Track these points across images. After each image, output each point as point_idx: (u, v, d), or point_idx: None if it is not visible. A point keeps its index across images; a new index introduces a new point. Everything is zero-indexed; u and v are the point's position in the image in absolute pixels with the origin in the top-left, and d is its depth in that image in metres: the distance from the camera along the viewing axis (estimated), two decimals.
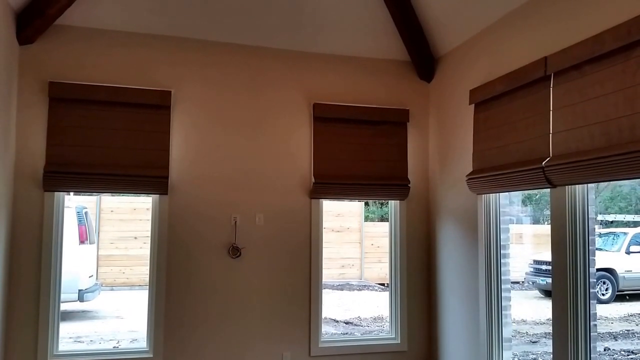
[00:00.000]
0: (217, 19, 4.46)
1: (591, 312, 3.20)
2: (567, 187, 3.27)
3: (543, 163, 3.33)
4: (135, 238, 10.82)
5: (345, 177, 4.79)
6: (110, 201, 11.36)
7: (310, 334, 4.64)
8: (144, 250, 9.51)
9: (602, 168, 2.90)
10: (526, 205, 14.41)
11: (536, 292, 10.78)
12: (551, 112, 3.35)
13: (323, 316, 4.85)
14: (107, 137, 4.27)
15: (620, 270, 10.13)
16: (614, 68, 2.89)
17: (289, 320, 4.62)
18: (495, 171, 3.83)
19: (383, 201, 14.57)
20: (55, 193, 4.23)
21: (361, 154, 4.85)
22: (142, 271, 10.13)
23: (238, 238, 4.52)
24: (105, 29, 4.36)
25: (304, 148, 4.77)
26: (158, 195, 4.41)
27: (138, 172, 4.29)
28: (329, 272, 11.84)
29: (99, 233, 10.75)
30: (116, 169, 4.25)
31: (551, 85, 3.36)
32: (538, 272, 10.16)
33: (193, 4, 4.32)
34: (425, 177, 5.06)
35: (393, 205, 5.08)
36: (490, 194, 4.11)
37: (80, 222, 8.73)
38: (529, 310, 9.37)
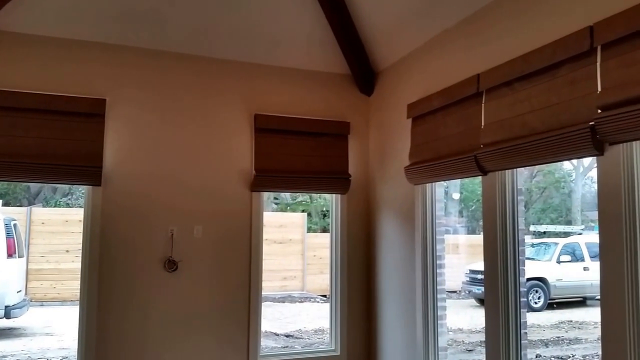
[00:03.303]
0: (156, 27, 4.37)
1: (521, 320, 3.31)
2: (497, 190, 3.39)
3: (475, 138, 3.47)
4: (67, 251, 10.40)
5: (287, 171, 4.79)
6: (41, 213, 10.89)
7: (248, 348, 4.57)
8: (77, 264, 9.13)
9: (529, 152, 3.01)
10: (462, 216, 14.84)
11: (472, 301, 11.10)
12: (482, 127, 3.47)
13: (263, 330, 4.80)
14: (36, 146, 4.08)
15: (551, 279, 10.58)
16: (541, 86, 3.03)
17: (227, 335, 4.54)
18: (431, 161, 3.96)
19: (325, 212, 14.68)
20: None
21: (303, 163, 4.85)
22: (74, 286, 9.69)
23: (175, 251, 4.41)
24: (37, 34, 4.19)
25: (244, 158, 4.72)
26: (90, 207, 4.24)
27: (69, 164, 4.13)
28: (271, 284, 11.74)
29: (28, 246, 10.28)
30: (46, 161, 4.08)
31: (483, 102, 3.48)
32: (474, 281, 10.48)
33: (130, 12, 4.22)
34: (365, 187, 5.12)
35: (334, 205, 5.12)
36: (427, 193, 4.22)
37: (9, 234, 8.33)
38: (466, 319, 9.63)
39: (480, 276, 9.70)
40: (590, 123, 2.61)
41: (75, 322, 4.32)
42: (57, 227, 10.64)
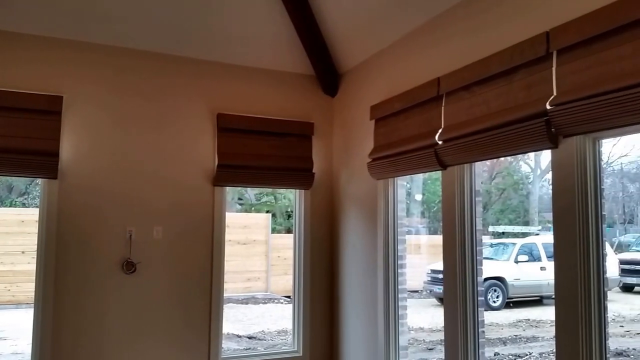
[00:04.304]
0: (116, 23, 4.28)
1: (479, 319, 3.38)
2: (456, 187, 3.45)
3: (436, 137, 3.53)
4: (23, 252, 10.08)
5: (250, 167, 4.75)
6: None
7: (209, 350, 4.52)
8: (32, 265, 8.86)
9: (487, 146, 3.09)
10: (425, 217, 15.05)
11: (433, 300, 11.24)
12: (441, 130, 3.52)
13: (225, 332, 4.76)
14: None
15: (509, 279, 10.82)
16: (499, 89, 3.10)
17: (187, 337, 4.48)
18: (393, 156, 4.01)
19: (290, 213, 14.67)
20: None
21: (266, 162, 4.82)
22: (30, 288, 9.39)
23: (133, 252, 4.33)
24: None
25: (206, 158, 4.67)
26: (46, 204, 4.12)
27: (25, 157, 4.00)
28: (234, 285, 11.64)
29: None
30: None
31: (443, 105, 3.54)
32: (435, 280, 10.62)
33: (89, 7, 4.12)
34: (329, 187, 5.13)
35: (297, 204, 5.10)
36: (389, 192, 4.26)
37: None
38: (427, 318, 9.75)
39: (440, 276, 9.81)
40: (545, 118, 2.70)
41: (30, 326, 4.19)
42: (13, 227, 10.30)
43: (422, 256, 12.63)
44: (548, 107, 2.69)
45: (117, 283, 4.28)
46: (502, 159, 13.81)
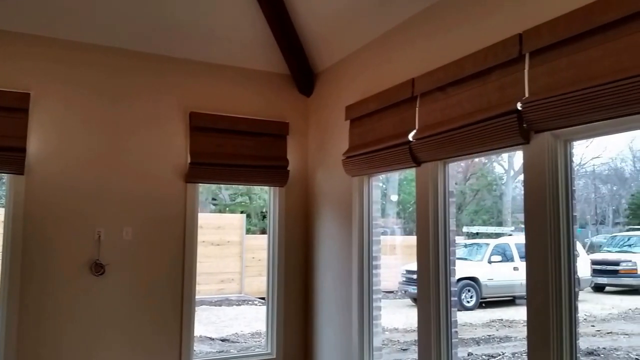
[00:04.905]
0: (86, 19, 4.18)
1: (452, 319, 3.39)
2: (430, 186, 3.45)
3: (409, 136, 3.54)
4: None
5: (224, 164, 4.69)
6: None
7: (181, 353, 4.45)
8: None
9: (460, 142, 3.10)
10: (400, 217, 15.14)
11: (408, 301, 11.30)
12: (415, 131, 3.52)
13: (198, 334, 4.69)
14: None
15: (483, 279, 10.93)
16: (472, 91, 3.11)
17: (158, 341, 4.39)
18: (368, 153, 4.00)
19: (265, 214, 14.60)
20: None
21: (240, 161, 4.76)
22: None
23: (102, 253, 4.23)
24: None
25: (178, 157, 4.59)
26: (12, 203, 4.00)
27: None
28: (208, 287, 11.51)
29: None
30: None
31: (417, 106, 3.54)
32: (409, 281, 10.67)
33: (56, 1, 4.02)
34: (304, 187, 5.10)
35: (272, 204, 5.06)
36: (364, 191, 4.26)
37: None
38: (401, 319, 9.79)
39: (415, 276, 9.85)
40: (516, 114, 2.72)
41: None
42: None
43: (397, 257, 12.67)
44: (519, 107, 2.71)
45: (85, 285, 4.18)
46: (477, 160, 13.98)
